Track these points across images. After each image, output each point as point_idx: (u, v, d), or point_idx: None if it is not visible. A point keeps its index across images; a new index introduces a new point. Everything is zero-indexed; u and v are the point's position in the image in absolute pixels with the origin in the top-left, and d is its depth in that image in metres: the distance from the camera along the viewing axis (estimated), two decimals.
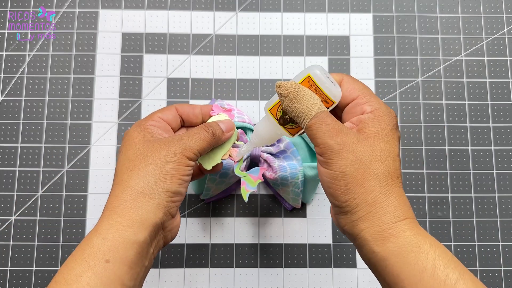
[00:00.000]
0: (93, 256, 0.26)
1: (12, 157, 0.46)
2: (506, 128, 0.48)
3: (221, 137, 0.34)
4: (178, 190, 0.30)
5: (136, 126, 0.32)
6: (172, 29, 0.49)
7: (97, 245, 0.27)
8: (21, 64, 0.48)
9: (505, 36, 0.49)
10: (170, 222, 0.31)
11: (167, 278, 0.45)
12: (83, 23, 0.49)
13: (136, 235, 0.27)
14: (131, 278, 0.27)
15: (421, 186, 0.47)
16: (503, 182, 0.47)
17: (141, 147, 0.30)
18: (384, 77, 0.49)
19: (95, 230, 0.28)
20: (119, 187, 0.29)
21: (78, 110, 0.47)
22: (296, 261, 0.45)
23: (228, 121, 0.35)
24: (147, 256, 0.29)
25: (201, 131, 0.32)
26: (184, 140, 0.31)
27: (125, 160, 0.30)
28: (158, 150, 0.30)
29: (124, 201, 0.28)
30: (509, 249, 0.46)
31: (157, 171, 0.29)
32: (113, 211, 0.28)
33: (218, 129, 0.33)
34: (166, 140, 0.31)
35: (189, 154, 0.30)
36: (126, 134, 0.32)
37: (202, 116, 0.36)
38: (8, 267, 0.44)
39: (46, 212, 0.45)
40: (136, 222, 0.28)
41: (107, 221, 0.28)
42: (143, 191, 0.29)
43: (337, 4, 0.50)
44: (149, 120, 0.33)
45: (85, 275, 0.26)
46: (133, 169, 0.29)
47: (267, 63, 0.49)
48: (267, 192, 0.46)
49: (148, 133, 0.32)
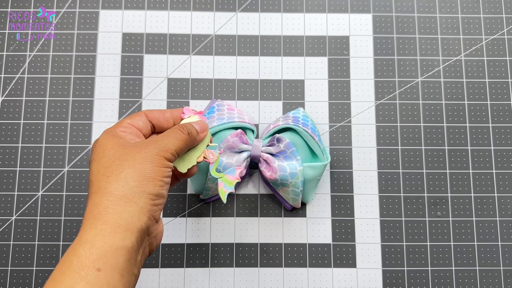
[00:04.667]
0: (83, 266, 0.25)
1: (12, 157, 0.46)
2: (505, 128, 0.48)
3: (196, 137, 0.33)
4: (159, 192, 0.29)
5: (106, 133, 0.31)
6: (172, 29, 0.49)
7: (85, 254, 0.25)
8: (22, 64, 0.48)
9: (505, 36, 0.49)
10: (155, 228, 0.30)
11: (167, 278, 0.45)
12: (83, 23, 0.49)
13: (124, 241, 0.26)
14: (124, 287, 0.26)
15: (421, 186, 0.47)
16: (503, 182, 0.47)
17: (115, 153, 0.29)
18: (383, 77, 0.49)
19: (79, 239, 0.26)
20: (97, 195, 0.28)
21: (79, 110, 0.47)
22: (296, 261, 0.45)
23: (202, 122, 0.34)
24: (136, 264, 0.28)
25: (176, 131, 0.31)
26: (160, 141, 0.30)
27: (99, 167, 0.29)
28: (135, 153, 0.29)
29: (105, 208, 0.27)
30: (508, 249, 0.46)
31: (136, 174, 0.28)
32: (95, 219, 0.27)
33: (193, 129, 0.33)
34: (141, 143, 0.30)
35: (166, 154, 0.30)
36: (96, 143, 0.31)
37: (173, 120, 0.35)
38: (9, 267, 0.45)
39: (47, 212, 0.45)
40: (121, 228, 0.27)
41: (91, 229, 0.26)
42: (124, 195, 0.27)
43: (337, 4, 0.50)
44: (119, 127, 0.32)
45: (78, 286, 0.24)
46: (110, 175, 0.28)
47: (267, 63, 0.49)
48: (267, 192, 0.46)
49: (120, 139, 0.30)
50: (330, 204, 0.46)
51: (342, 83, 0.48)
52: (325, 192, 0.46)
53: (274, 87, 0.48)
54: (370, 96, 0.48)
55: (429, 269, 0.45)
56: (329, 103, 0.48)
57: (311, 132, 0.42)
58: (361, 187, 0.47)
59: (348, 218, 0.46)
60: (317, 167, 0.42)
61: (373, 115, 0.48)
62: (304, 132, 0.42)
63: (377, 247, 0.46)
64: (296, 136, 0.43)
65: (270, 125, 0.45)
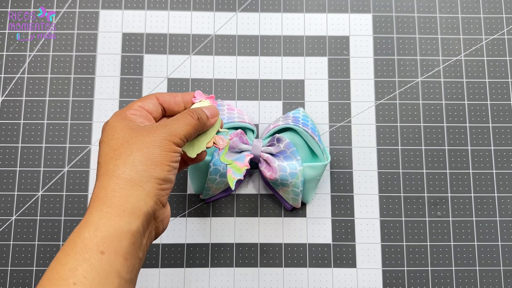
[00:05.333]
0: (87, 249, 0.25)
1: (12, 157, 0.46)
2: (505, 128, 0.48)
3: (206, 123, 0.33)
4: (167, 177, 0.29)
5: (116, 115, 0.31)
6: (172, 29, 0.49)
7: (89, 237, 0.25)
8: (22, 64, 0.48)
9: (505, 36, 0.49)
10: (161, 212, 0.30)
11: (167, 278, 0.45)
12: (83, 23, 0.49)
13: (129, 224, 0.26)
14: (128, 271, 0.26)
15: (421, 186, 0.47)
16: (503, 182, 0.47)
17: (124, 136, 0.29)
18: (383, 77, 0.49)
19: (84, 222, 0.26)
20: (104, 177, 0.28)
21: (79, 110, 0.47)
22: (296, 261, 0.45)
23: (212, 107, 0.34)
24: (141, 247, 0.28)
25: (186, 116, 0.31)
26: (169, 125, 0.30)
27: (108, 150, 0.29)
28: (143, 137, 0.29)
29: (112, 191, 0.27)
30: (508, 249, 0.46)
31: (144, 158, 0.28)
32: (101, 201, 0.27)
33: (203, 114, 0.32)
34: (150, 127, 0.30)
35: (175, 139, 0.30)
36: (106, 125, 0.31)
37: (184, 104, 0.35)
38: (9, 267, 0.45)
39: (47, 212, 0.45)
40: (127, 211, 0.27)
41: (97, 212, 0.27)
42: (131, 179, 0.27)
43: (337, 4, 0.50)
44: (129, 109, 0.32)
45: (81, 268, 0.24)
46: (118, 158, 0.28)
47: (267, 63, 0.49)
48: (267, 192, 0.46)
49: (130, 121, 0.30)
50: (330, 204, 0.46)
51: (342, 83, 0.48)
52: (325, 192, 0.46)
53: (274, 87, 0.48)
54: (370, 96, 0.48)
55: (429, 269, 0.45)
56: (329, 103, 0.48)
57: (311, 132, 0.42)
58: (361, 187, 0.47)
59: (348, 218, 0.46)
60: (317, 167, 0.42)
61: (373, 115, 0.48)
62: (304, 132, 0.42)
63: (377, 247, 0.46)
64: (296, 136, 0.43)
65: (270, 125, 0.45)
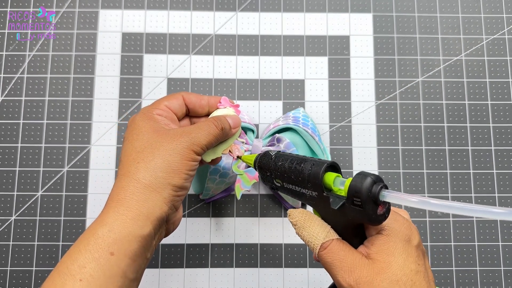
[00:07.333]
0: (98, 248, 0.26)
1: (12, 157, 0.46)
2: (506, 128, 0.48)
3: (228, 133, 0.33)
4: (184, 184, 0.30)
5: (143, 114, 0.32)
6: (172, 29, 0.49)
7: (103, 236, 0.26)
8: (21, 64, 0.48)
9: (505, 36, 0.49)
10: (174, 215, 0.31)
11: (167, 278, 0.45)
12: (83, 23, 0.49)
13: (142, 229, 0.27)
14: (133, 271, 0.27)
15: (421, 186, 0.47)
16: (503, 182, 0.47)
17: (148, 139, 0.30)
18: (384, 77, 0.49)
19: (100, 220, 0.27)
20: (125, 178, 0.29)
21: (78, 110, 0.47)
22: (296, 261, 0.45)
23: (236, 117, 0.35)
24: (150, 249, 0.29)
25: (210, 125, 0.32)
26: (193, 134, 0.30)
27: (131, 150, 0.30)
28: (167, 143, 0.30)
29: (131, 194, 0.28)
30: (509, 249, 0.46)
31: (165, 165, 0.29)
32: (119, 202, 0.28)
33: (226, 124, 0.33)
34: (174, 132, 0.30)
35: (197, 149, 0.30)
36: (132, 122, 0.31)
37: (208, 107, 0.35)
38: (8, 267, 0.44)
39: (46, 212, 0.45)
40: (142, 215, 0.28)
41: (113, 212, 0.27)
42: (150, 185, 0.28)
43: (337, 4, 0.50)
44: (155, 108, 0.32)
45: (89, 267, 0.25)
46: (141, 161, 0.29)
47: (267, 63, 0.49)
48: (267, 192, 0.46)
49: (155, 123, 0.31)
50: None
51: (342, 83, 0.48)
52: None
53: (274, 87, 0.48)
54: (371, 96, 0.48)
55: None
56: (329, 103, 0.48)
57: (311, 132, 0.42)
58: None
59: None
60: None
61: (373, 115, 0.48)
62: (304, 132, 0.42)
63: None
64: (296, 136, 0.43)
65: (270, 125, 0.45)
